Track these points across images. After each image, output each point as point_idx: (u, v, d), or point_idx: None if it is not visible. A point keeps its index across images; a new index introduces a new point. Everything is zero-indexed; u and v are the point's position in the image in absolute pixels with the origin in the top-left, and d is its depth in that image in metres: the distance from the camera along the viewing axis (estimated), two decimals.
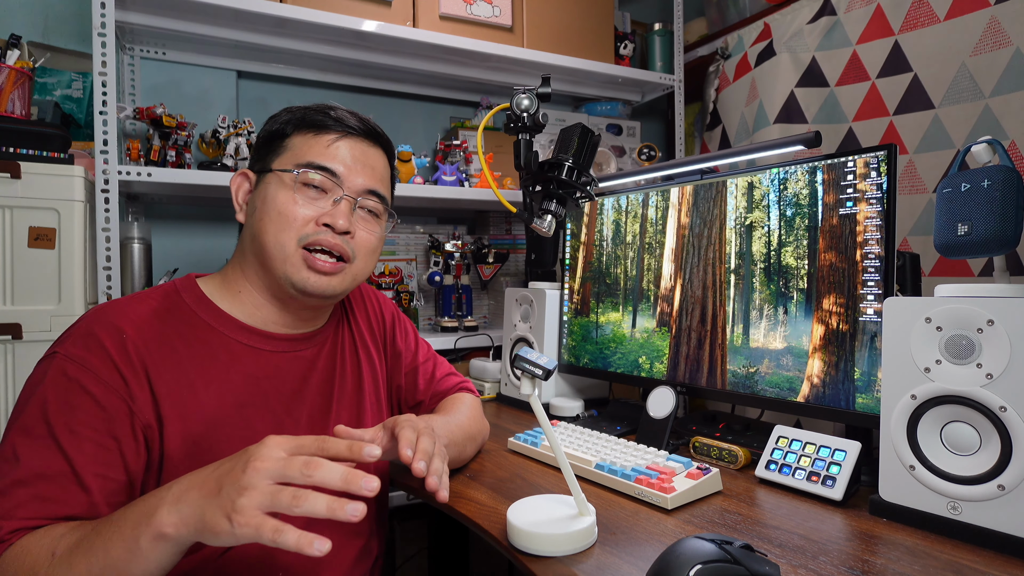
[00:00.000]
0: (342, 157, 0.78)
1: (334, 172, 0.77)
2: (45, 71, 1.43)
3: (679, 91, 1.97)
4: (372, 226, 0.81)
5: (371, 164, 0.81)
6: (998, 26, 1.24)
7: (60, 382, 0.65)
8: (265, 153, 0.80)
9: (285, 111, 0.82)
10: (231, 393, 0.74)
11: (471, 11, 1.63)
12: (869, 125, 1.49)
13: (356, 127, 0.80)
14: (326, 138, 0.78)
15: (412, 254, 1.76)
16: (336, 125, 0.79)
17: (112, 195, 1.22)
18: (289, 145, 0.79)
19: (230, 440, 0.72)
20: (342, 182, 0.77)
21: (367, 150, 0.81)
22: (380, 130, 0.84)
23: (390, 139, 0.87)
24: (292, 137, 0.79)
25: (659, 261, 1.19)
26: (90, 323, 0.69)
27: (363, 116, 0.82)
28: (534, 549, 0.68)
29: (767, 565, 0.56)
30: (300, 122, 0.79)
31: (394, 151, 0.89)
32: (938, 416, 0.73)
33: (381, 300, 1.01)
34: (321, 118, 0.79)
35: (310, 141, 0.78)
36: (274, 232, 0.75)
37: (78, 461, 0.62)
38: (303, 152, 0.77)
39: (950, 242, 0.75)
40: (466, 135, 1.77)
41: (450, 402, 0.99)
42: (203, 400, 0.71)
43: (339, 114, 0.80)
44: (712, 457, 0.99)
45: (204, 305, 0.77)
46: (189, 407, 0.70)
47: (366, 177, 0.80)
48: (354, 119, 0.81)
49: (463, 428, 0.91)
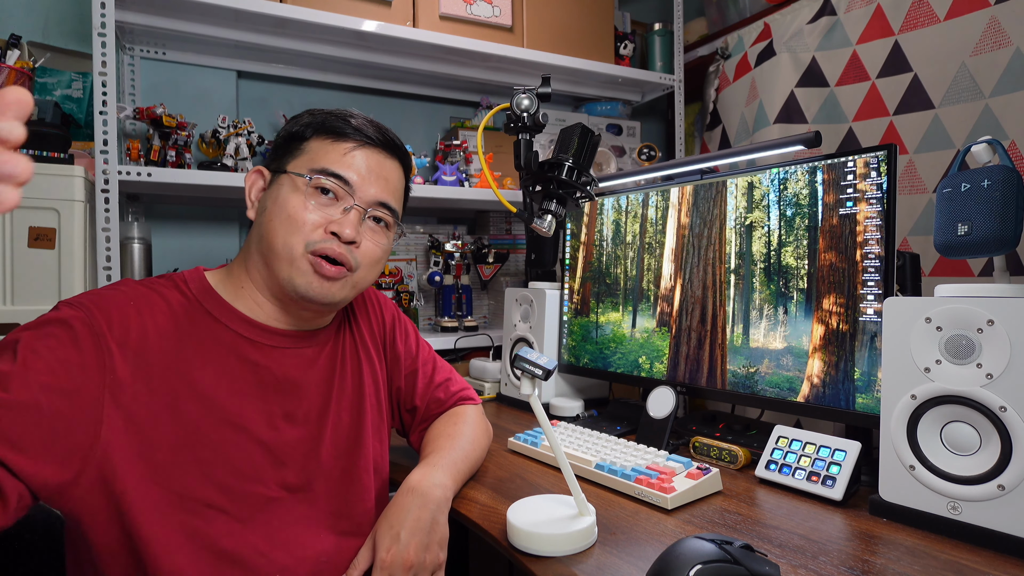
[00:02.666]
0: (357, 167, 0.78)
1: (347, 181, 0.77)
2: (45, 71, 1.43)
3: (679, 91, 1.97)
4: (379, 237, 0.82)
5: (385, 175, 0.81)
6: (998, 26, 1.24)
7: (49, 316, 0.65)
8: (282, 153, 0.81)
9: (307, 113, 0.82)
10: (226, 377, 0.74)
11: (471, 11, 1.63)
12: (869, 125, 1.49)
13: (375, 137, 0.80)
14: (343, 146, 0.79)
15: (412, 254, 1.76)
16: (355, 134, 0.79)
17: (112, 195, 1.22)
18: (306, 149, 0.79)
19: (218, 424, 0.72)
20: (354, 191, 0.78)
21: (383, 161, 0.81)
22: (399, 142, 0.84)
23: (408, 152, 0.87)
24: (310, 141, 0.79)
25: (659, 261, 1.19)
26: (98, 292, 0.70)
27: (383, 126, 0.82)
28: (534, 549, 0.68)
29: (767, 565, 0.56)
30: (320, 127, 0.80)
31: (411, 163, 0.88)
32: (938, 416, 0.73)
33: (382, 301, 1.01)
34: (341, 125, 0.79)
35: (327, 147, 0.78)
36: (283, 235, 0.75)
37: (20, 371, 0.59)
38: (319, 157, 0.78)
39: (950, 242, 0.75)
40: (466, 135, 1.77)
41: (451, 421, 0.95)
42: (198, 379, 0.71)
43: (359, 123, 0.80)
44: (712, 457, 0.99)
45: (209, 296, 0.77)
46: (183, 384, 0.70)
47: (379, 188, 0.80)
48: (373, 129, 0.81)
49: (468, 457, 0.90)
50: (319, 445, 0.80)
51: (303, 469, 0.78)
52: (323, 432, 0.81)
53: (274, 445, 0.76)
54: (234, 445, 0.72)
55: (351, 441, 0.84)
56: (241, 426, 0.73)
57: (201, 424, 0.70)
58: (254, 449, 0.74)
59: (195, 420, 0.70)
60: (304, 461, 0.78)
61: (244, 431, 0.73)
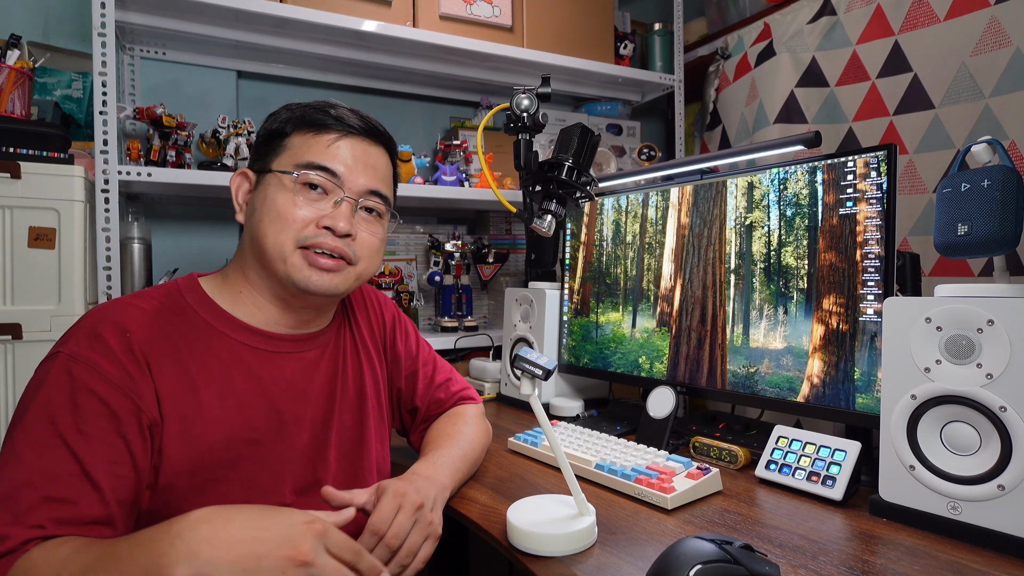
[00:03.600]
0: (343, 157, 0.77)
1: (335, 172, 0.76)
2: (45, 71, 1.43)
3: (679, 91, 1.97)
4: (374, 227, 0.81)
5: (372, 164, 0.80)
6: (998, 26, 1.24)
7: (64, 382, 0.63)
8: (265, 152, 0.79)
9: (284, 109, 0.80)
10: (232, 394, 0.73)
11: (471, 11, 1.63)
12: (869, 125, 1.49)
13: (357, 126, 0.79)
14: (326, 138, 0.77)
15: (412, 254, 1.76)
16: (337, 124, 0.78)
17: (112, 195, 1.22)
18: (289, 145, 0.77)
19: (231, 442, 0.71)
20: (343, 183, 0.76)
21: (368, 149, 0.80)
22: (382, 128, 0.83)
23: (392, 137, 0.86)
24: (292, 136, 0.78)
25: (659, 261, 1.19)
26: (93, 321, 0.68)
27: (364, 114, 0.81)
28: (534, 549, 0.68)
29: (767, 565, 0.56)
30: (300, 121, 0.78)
31: (396, 149, 0.87)
32: (938, 416, 0.73)
33: (382, 301, 1.01)
34: (321, 117, 0.78)
35: (310, 141, 0.77)
36: (273, 234, 0.74)
37: (87, 460, 0.60)
38: (303, 152, 0.76)
39: (950, 242, 0.75)
40: (466, 135, 1.77)
41: (451, 421, 0.95)
42: (204, 400, 0.71)
43: (339, 112, 0.79)
44: (712, 457, 0.99)
45: (206, 304, 0.76)
46: (190, 407, 0.70)
47: (367, 177, 0.78)
48: (355, 117, 0.79)
49: (467, 457, 0.89)
50: (326, 448, 0.80)
51: (312, 473, 0.78)
52: (328, 435, 0.81)
53: (288, 453, 0.76)
54: (249, 460, 0.72)
55: (354, 443, 0.84)
56: (254, 440, 0.73)
57: (213, 445, 0.70)
58: (268, 460, 0.74)
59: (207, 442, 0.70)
60: (313, 465, 0.78)
61: (258, 444, 0.73)
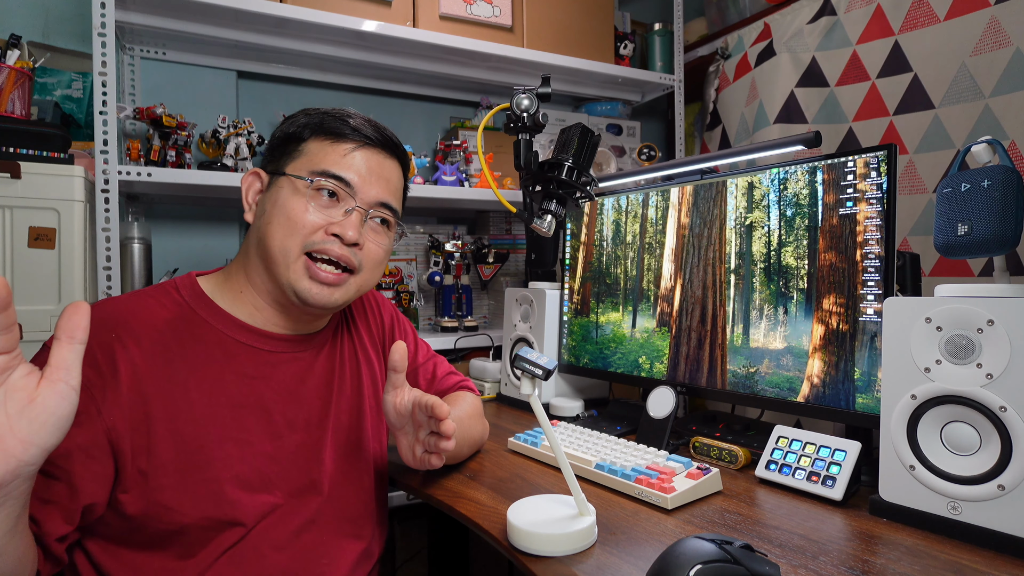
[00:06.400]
0: (357, 167, 0.78)
1: (348, 182, 0.76)
2: (45, 71, 1.43)
3: (679, 91, 1.97)
4: (381, 238, 0.81)
5: (386, 176, 0.81)
6: (998, 26, 1.24)
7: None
8: (280, 155, 0.79)
9: (303, 113, 0.81)
10: (224, 393, 0.73)
11: (471, 11, 1.63)
12: (869, 125, 1.49)
13: (374, 137, 0.80)
14: (343, 147, 0.78)
15: (412, 254, 1.76)
16: (354, 135, 0.78)
17: (112, 195, 1.22)
18: (305, 150, 0.78)
19: (222, 441, 0.71)
20: (356, 192, 0.77)
21: (383, 161, 0.81)
22: (397, 140, 0.84)
23: (406, 151, 0.87)
24: (308, 142, 0.78)
25: (659, 261, 1.19)
26: None
27: (380, 126, 0.82)
28: (534, 549, 0.68)
29: (767, 565, 0.56)
30: (318, 127, 0.79)
31: (409, 162, 0.88)
32: (938, 416, 0.73)
33: (380, 301, 1.01)
34: (339, 126, 0.78)
35: (327, 148, 0.77)
36: (281, 237, 0.74)
37: None
38: (319, 159, 0.77)
39: (950, 242, 0.74)
40: (466, 135, 1.77)
41: (452, 399, 0.99)
42: (195, 399, 0.71)
43: (357, 123, 0.79)
44: (712, 457, 0.99)
45: (202, 303, 0.77)
46: (180, 406, 0.70)
47: (380, 189, 0.79)
48: (372, 129, 0.80)
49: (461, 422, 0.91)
50: (321, 449, 0.80)
51: (307, 473, 0.78)
52: (324, 435, 0.81)
53: (278, 454, 0.76)
54: (239, 460, 0.72)
55: (351, 443, 0.84)
56: (245, 440, 0.73)
57: (204, 444, 0.70)
58: (260, 461, 0.74)
59: (197, 440, 0.70)
60: (308, 466, 0.78)
61: (248, 445, 0.73)
